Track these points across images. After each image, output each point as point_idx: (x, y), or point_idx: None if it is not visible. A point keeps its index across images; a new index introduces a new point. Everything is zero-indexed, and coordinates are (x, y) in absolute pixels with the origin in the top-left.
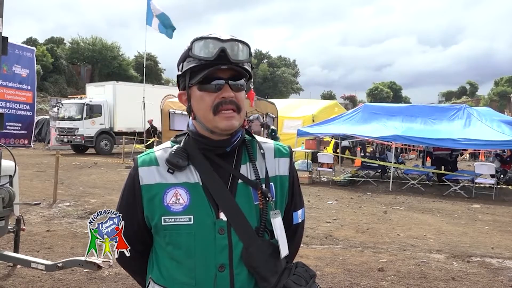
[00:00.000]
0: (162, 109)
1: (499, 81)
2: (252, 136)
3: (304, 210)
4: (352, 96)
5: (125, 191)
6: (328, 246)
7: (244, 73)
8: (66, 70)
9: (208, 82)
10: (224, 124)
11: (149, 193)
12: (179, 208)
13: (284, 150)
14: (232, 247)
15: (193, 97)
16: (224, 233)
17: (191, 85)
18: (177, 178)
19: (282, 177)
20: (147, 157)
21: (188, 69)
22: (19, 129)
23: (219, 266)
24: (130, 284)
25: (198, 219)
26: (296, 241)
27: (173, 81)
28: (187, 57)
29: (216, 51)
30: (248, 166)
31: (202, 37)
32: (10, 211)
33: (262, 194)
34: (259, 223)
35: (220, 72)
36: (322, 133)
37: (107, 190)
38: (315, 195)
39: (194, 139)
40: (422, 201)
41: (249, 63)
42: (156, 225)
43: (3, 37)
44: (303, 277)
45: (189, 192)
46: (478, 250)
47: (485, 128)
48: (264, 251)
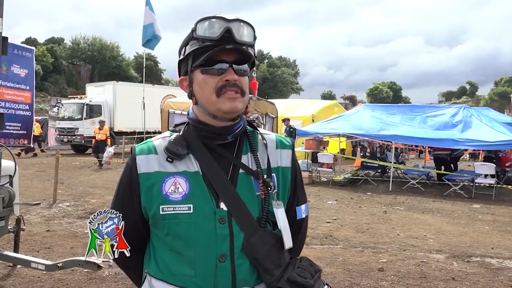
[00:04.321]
0: (162, 109)
1: (499, 82)
2: (254, 127)
3: (307, 206)
4: (352, 96)
5: (121, 181)
6: (328, 246)
7: (248, 57)
8: (66, 70)
9: (212, 65)
10: (228, 105)
11: (147, 182)
12: (178, 197)
13: (286, 142)
14: (234, 237)
15: (196, 81)
16: (225, 222)
17: (193, 69)
18: (176, 167)
19: (284, 169)
20: (145, 145)
21: (191, 52)
22: (18, 129)
23: (220, 256)
24: (130, 284)
25: (197, 208)
26: (300, 237)
27: (173, 81)
28: (191, 39)
29: (222, 31)
30: (250, 156)
31: (206, 17)
32: (10, 211)
33: (264, 184)
34: (261, 214)
35: (224, 55)
36: (322, 133)
37: (107, 190)
38: (315, 195)
39: (194, 126)
40: (422, 201)
41: (253, 48)
42: (154, 215)
43: (3, 37)
44: (308, 271)
45: (188, 181)
46: (478, 250)
47: (485, 128)
48: (266, 241)
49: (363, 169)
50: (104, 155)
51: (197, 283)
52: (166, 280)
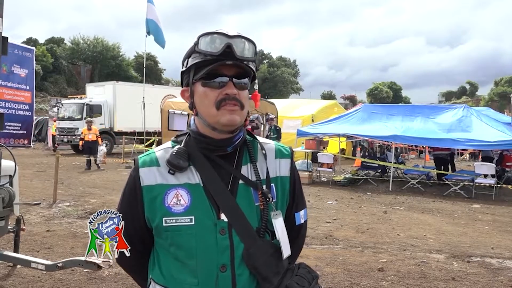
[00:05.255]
0: (162, 109)
1: (498, 82)
2: (254, 136)
3: (306, 211)
4: (352, 96)
5: (126, 191)
6: (328, 246)
7: (248, 72)
8: (66, 70)
9: (212, 78)
10: (226, 118)
11: (150, 194)
12: (180, 209)
13: (285, 151)
14: (234, 247)
15: (196, 93)
16: (225, 233)
17: (194, 81)
18: (178, 179)
19: (283, 178)
20: (147, 157)
21: (193, 65)
22: (18, 129)
23: (221, 267)
24: (130, 284)
25: (199, 220)
26: (299, 242)
27: (173, 81)
28: (193, 52)
29: (222, 47)
30: (249, 167)
31: (208, 32)
32: (10, 211)
33: (263, 194)
34: (260, 224)
35: (225, 69)
36: (322, 133)
37: (107, 190)
38: (315, 195)
39: (195, 138)
40: (422, 201)
41: (254, 62)
42: (157, 226)
43: (3, 37)
44: (306, 278)
45: (190, 193)
46: (478, 250)
47: (485, 128)
48: (265, 251)
49: (363, 169)
50: (98, 154)
51: None
52: (169, 287)
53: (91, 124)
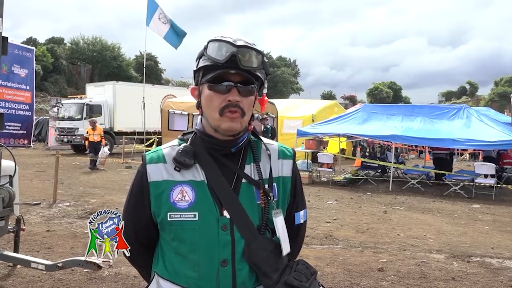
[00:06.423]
0: (162, 109)
1: (499, 82)
2: (258, 137)
3: (306, 211)
4: (352, 96)
5: (133, 187)
6: (328, 246)
7: (254, 79)
8: (66, 70)
9: (218, 82)
10: (226, 125)
11: (157, 190)
12: (184, 205)
13: (288, 152)
14: (235, 243)
15: (203, 95)
16: (227, 229)
17: (202, 83)
18: (183, 176)
19: (285, 178)
20: (155, 154)
21: (201, 67)
22: (18, 129)
23: (222, 261)
24: (130, 284)
25: (202, 216)
26: (298, 241)
27: (173, 81)
28: (203, 55)
29: (228, 55)
30: (252, 166)
31: (217, 39)
32: (10, 211)
33: (264, 193)
34: (261, 222)
35: (231, 75)
36: (322, 133)
37: (107, 190)
38: (315, 195)
39: (201, 137)
40: (422, 201)
41: (262, 70)
42: (162, 221)
43: (3, 37)
44: (304, 274)
45: (194, 189)
46: (478, 250)
47: (485, 128)
48: (265, 248)
49: (363, 169)
50: (99, 155)
51: (200, 285)
52: (172, 280)
53: (96, 124)
